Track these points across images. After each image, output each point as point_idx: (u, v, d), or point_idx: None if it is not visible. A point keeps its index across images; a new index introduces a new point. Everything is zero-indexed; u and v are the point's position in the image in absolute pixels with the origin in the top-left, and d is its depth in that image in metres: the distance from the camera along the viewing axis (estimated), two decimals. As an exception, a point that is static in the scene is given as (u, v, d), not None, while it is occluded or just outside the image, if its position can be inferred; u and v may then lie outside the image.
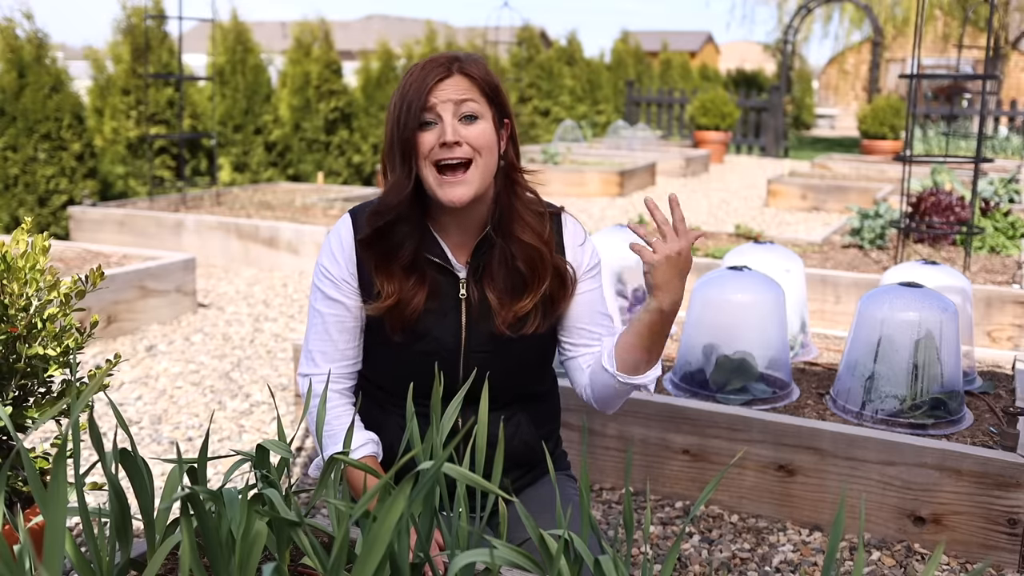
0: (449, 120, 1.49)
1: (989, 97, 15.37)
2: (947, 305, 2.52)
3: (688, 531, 2.43)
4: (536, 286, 1.59)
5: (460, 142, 1.49)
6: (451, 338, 1.61)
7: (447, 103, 1.49)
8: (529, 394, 1.73)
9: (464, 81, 1.51)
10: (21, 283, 1.69)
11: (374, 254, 1.59)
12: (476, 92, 1.52)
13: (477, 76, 1.52)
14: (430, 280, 1.58)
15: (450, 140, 1.48)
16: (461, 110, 1.50)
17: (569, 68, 15.40)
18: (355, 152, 10.07)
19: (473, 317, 1.61)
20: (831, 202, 9.07)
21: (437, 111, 1.50)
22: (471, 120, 1.51)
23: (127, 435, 1.23)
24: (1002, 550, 2.25)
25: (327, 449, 1.62)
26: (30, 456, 1.67)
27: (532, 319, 1.60)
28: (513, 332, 1.60)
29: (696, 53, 36.04)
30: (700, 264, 4.71)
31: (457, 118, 1.50)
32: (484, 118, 1.52)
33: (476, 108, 1.51)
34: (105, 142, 7.80)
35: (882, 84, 23.05)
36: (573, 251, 1.67)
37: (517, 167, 1.61)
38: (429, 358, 1.59)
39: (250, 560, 1.09)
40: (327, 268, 1.63)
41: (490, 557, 1.07)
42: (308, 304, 1.89)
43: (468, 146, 1.50)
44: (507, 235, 1.59)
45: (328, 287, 1.63)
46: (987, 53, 4.15)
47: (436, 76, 1.50)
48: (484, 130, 1.52)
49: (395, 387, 1.65)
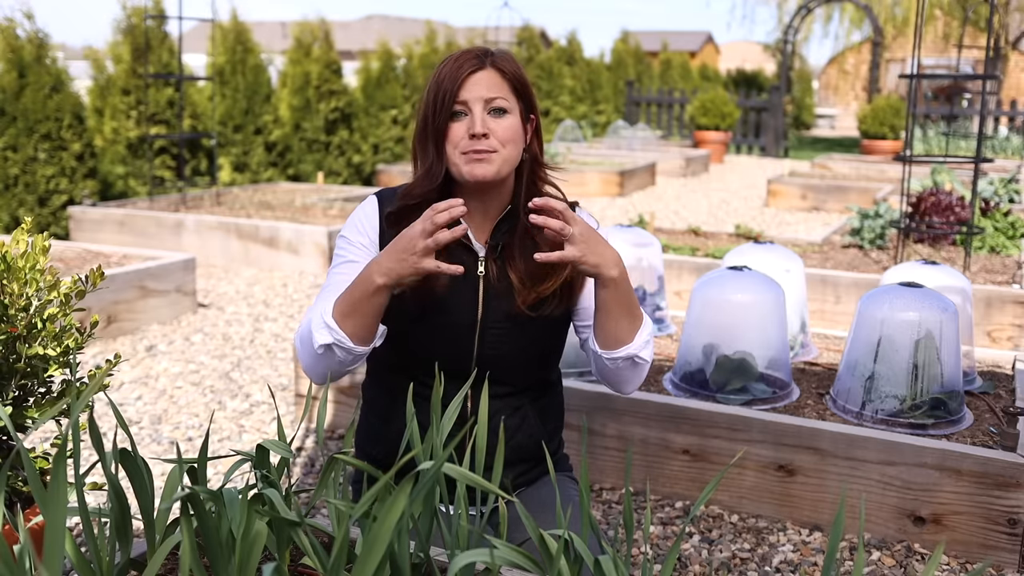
0: (479, 113, 1.56)
1: (989, 97, 15.38)
2: (947, 305, 2.52)
3: (688, 531, 2.43)
4: (560, 270, 1.63)
5: (488, 134, 1.56)
6: (467, 314, 1.64)
7: (478, 97, 1.56)
8: (538, 383, 1.76)
9: (495, 76, 1.58)
10: (21, 283, 1.69)
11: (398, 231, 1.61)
12: (506, 87, 1.59)
13: (508, 71, 1.59)
14: (451, 255, 1.62)
15: (478, 132, 1.55)
16: (491, 104, 1.57)
17: (569, 68, 15.40)
18: (355, 152, 10.07)
19: (491, 295, 1.65)
20: (831, 202, 9.07)
21: (468, 104, 1.56)
22: (500, 114, 1.58)
23: (127, 435, 1.23)
24: (1002, 550, 2.25)
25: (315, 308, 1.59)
26: (30, 456, 1.67)
27: (551, 301, 1.65)
28: (532, 311, 1.64)
29: (696, 53, 36.05)
30: (700, 264, 4.71)
31: (486, 111, 1.57)
32: (512, 112, 1.59)
33: (505, 103, 1.58)
34: (105, 142, 7.80)
35: (882, 84, 23.04)
36: None
37: (540, 161, 1.69)
38: (444, 332, 1.64)
39: (250, 560, 1.09)
40: (349, 237, 1.68)
41: (490, 557, 1.07)
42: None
43: (495, 139, 1.57)
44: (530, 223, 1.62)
45: (349, 251, 1.67)
46: (987, 53, 4.16)
47: (469, 68, 1.57)
48: (511, 124, 1.59)
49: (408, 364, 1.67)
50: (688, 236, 5.81)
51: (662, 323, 3.45)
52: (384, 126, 10.38)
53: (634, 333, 1.60)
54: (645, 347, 1.63)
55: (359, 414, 1.80)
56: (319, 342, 1.54)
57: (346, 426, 3.02)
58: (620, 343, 1.61)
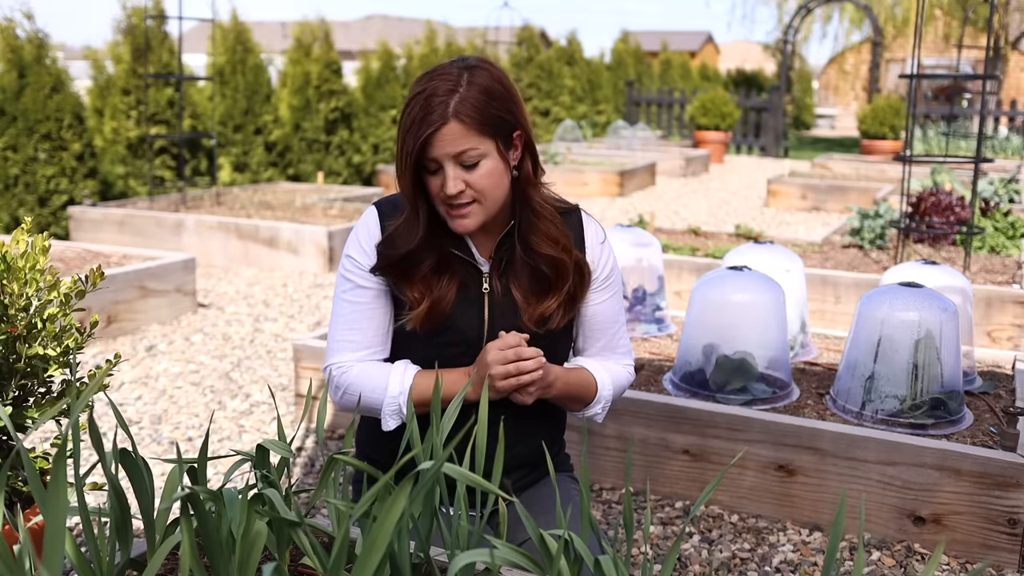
0: (451, 172, 1.52)
1: (989, 97, 15.38)
2: (947, 305, 2.52)
3: (688, 531, 2.43)
4: (560, 286, 1.65)
5: (463, 190, 1.53)
6: (474, 331, 1.65)
7: (446, 154, 1.51)
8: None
9: (459, 128, 1.49)
10: (21, 283, 1.69)
11: (391, 274, 1.63)
12: (473, 136, 1.51)
13: (472, 119, 1.50)
14: (456, 273, 1.63)
15: (451, 193, 1.52)
16: (461, 159, 1.52)
17: (569, 68, 15.40)
18: (355, 152, 10.07)
19: (496, 311, 1.65)
20: (831, 202, 9.07)
21: (439, 159, 1.52)
22: (472, 167, 1.53)
23: (127, 435, 1.23)
24: (1002, 550, 2.25)
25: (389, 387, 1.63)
26: (30, 456, 1.67)
27: (555, 316, 1.66)
28: (539, 328, 1.65)
29: (696, 53, 36.04)
30: (700, 264, 4.71)
31: (458, 166, 1.52)
32: (487, 156, 1.53)
33: (475, 153, 1.52)
34: (105, 142, 7.80)
35: (882, 84, 23.04)
36: (593, 248, 1.72)
37: (532, 181, 1.61)
38: (452, 349, 1.64)
39: (250, 560, 1.09)
40: (355, 259, 1.66)
41: (490, 557, 1.07)
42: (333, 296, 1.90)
43: (472, 190, 1.54)
44: (528, 245, 1.63)
45: (356, 276, 1.66)
46: (987, 53, 4.15)
47: (430, 126, 1.49)
48: (487, 171, 1.53)
49: None
50: (688, 236, 5.81)
51: (662, 323, 3.45)
52: (384, 126, 10.39)
53: (583, 408, 1.77)
54: (596, 416, 1.80)
55: (360, 418, 1.80)
56: (390, 426, 1.63)
57: (346, 426, 3.02)
58: (570, 411, 1.81)
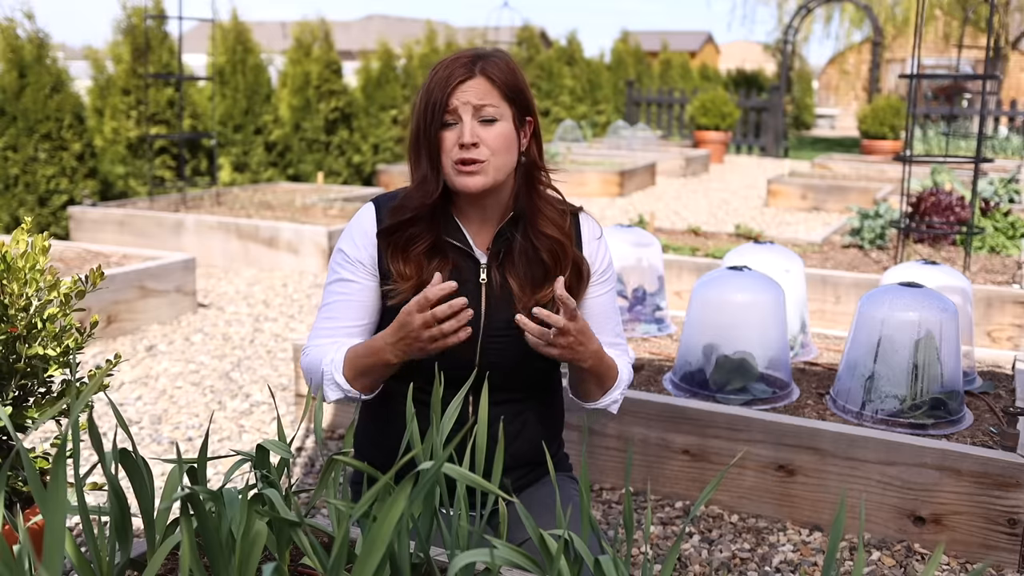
0: (468, 122, 1.56)
1: (989, 97, 15.37)
2: (947, 305, 2.52)
3: (688, 531, 2.43)
4: (558, 274, 1.65)
5: (478, 143, 1.56)
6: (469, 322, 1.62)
7: (467, 105, 1.56)
8: (538, 388, 1.76)
9: (485, 83, 1.57)
10: (21, 283, 1.69)
11: (391, 243, 1.64)
12: (496, 95, 1.57)
13: (497, 78, 1.57)
14: (452, 262, 1.64)
15: (467, 142, 1.55)
16: (480, 113, 1.56)
17: (569, 68, 15.40)
18: (355, 152, 10.07)
19: (493, 302, 1.65)
20: (831, 202, 9.07)
21: (458, 112, 1.56)
22: (490, 123, 1.57)
23: (127, 435, 1.23)
24: (1002, 550, 2.25)
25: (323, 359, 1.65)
26: (30, 456, 1.67)
27: (551, 308, 1.65)
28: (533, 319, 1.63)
29: (696, 53, 36.02)
30: (700, 264, 4.71)
31: (476, 120, 1.56)
32: (503, 119, 1.58)
33: (494, 111, 1.57)
34: (105, 142, 7.80)
35: (882, 84, 23.03)
36: (590, 246, 1.74)
37: (539, 165, 1.68)
38: None
39: (250, 560, 1.09)
40: (345, 252, 1.68)
41: (490, 557, 1.07)
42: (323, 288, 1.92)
43: (485, 147, 1.56)
44: (529, 228, 1.65)
45: (343, 269, 1.68)
46: (987, 53, 4.15)
47: (458, 77, 1.56)
48: (501, 132, 1.58)
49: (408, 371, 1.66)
50: (688, 236, 5.81)
51: (662, 323, 3.45)
52: (384, 126, 10.39)
53: (603, 394, 1.73)
54: (614, 404, 1.75)
55: (358, 419, 1.79)
56: (330, 397, 1.63)
57: (346, 426, 3.02)
58: (590, 399, 1.75)
